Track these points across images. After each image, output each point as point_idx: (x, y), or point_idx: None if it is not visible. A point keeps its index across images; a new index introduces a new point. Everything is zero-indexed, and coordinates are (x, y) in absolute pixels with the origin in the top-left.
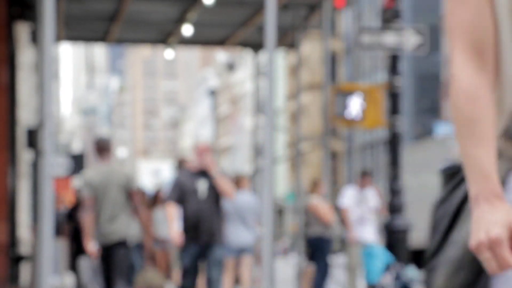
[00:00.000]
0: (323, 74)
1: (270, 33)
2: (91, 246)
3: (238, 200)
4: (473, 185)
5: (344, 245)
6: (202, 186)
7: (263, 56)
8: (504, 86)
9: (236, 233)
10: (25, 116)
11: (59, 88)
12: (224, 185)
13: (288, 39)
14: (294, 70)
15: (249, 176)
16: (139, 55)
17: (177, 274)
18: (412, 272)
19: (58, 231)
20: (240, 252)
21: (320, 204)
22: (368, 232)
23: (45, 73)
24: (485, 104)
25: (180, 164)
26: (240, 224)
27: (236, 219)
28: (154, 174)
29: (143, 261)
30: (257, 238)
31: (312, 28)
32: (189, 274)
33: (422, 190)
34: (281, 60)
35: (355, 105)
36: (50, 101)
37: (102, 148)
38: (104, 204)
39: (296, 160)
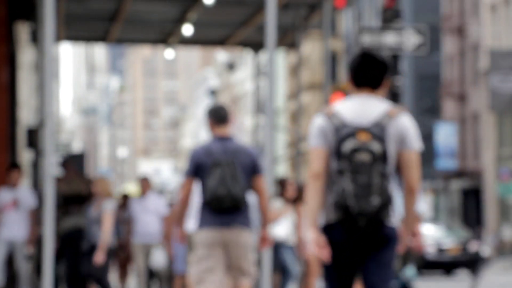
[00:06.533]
0: (323, 74)
1: (270, 33)
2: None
3: None
4: None
5: None
6: None
7: (263, 56)
8: None
9: None
10: (25, 116)
11: (59, 88)
12: None
13: (288, 39)
14: (294, 70)
15: None
16: (139, 55)
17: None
18: (411, 272)
19: None
20: None
21: None
22: None
23: (45, 73)
24: None
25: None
26: None
27: None
28: (154, 173)
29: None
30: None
31: (312, 28)
32: None
33: None
34: (281, 60)
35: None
36: (50, 101)
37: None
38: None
39: (296, 160)
